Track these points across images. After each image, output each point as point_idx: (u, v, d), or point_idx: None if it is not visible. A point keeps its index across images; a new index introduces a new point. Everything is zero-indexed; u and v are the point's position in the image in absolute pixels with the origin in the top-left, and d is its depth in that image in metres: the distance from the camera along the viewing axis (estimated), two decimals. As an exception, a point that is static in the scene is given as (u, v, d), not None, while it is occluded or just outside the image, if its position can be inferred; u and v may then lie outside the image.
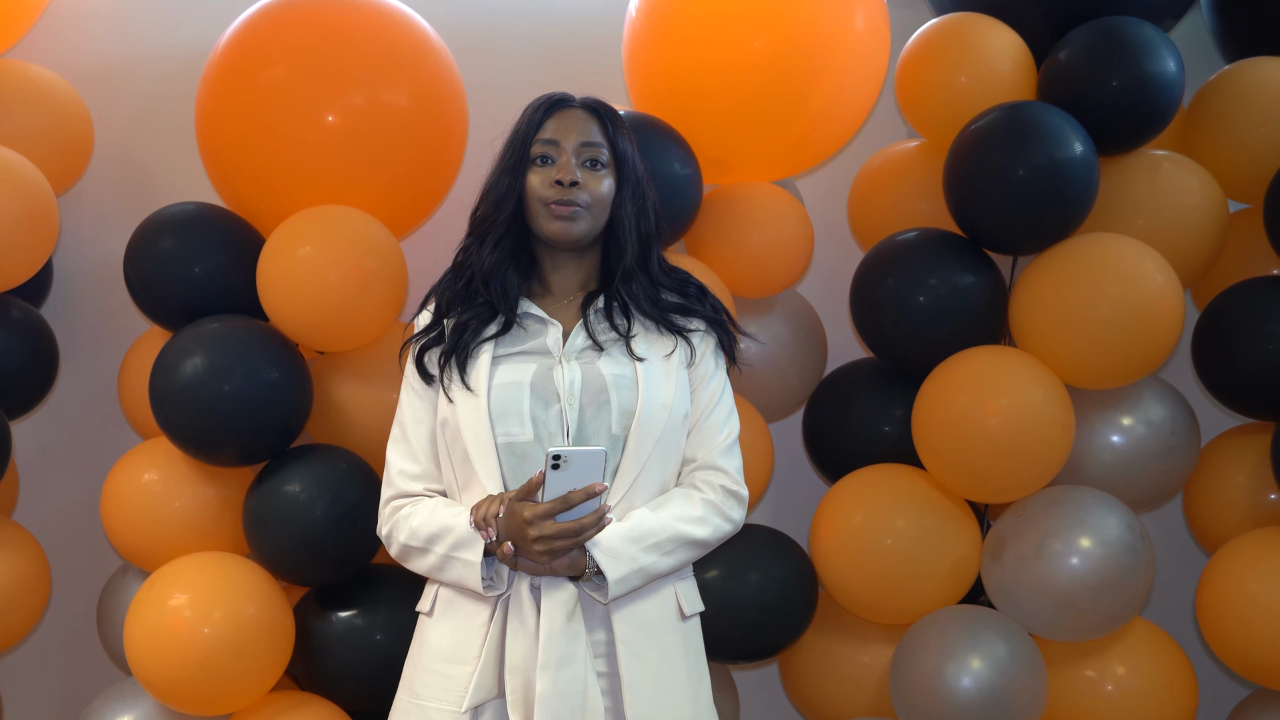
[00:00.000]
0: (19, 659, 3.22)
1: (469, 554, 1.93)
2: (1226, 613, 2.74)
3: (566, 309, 2.08)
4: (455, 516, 1.96)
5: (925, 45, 2.88)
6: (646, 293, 2.07)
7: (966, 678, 2.63)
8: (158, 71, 3.23)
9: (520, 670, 1.91)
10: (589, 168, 2.04)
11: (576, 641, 1.92)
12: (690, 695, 2.01)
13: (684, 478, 2.07)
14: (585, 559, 1.91)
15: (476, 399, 1.98)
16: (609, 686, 1.95)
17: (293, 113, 2.71)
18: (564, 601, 1.93)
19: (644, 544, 1.94)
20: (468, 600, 1.98)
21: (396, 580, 2.80)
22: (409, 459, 2.06)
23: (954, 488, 2.74)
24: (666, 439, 2.01)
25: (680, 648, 2.02)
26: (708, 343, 2.10)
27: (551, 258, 2.09)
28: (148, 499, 2.73)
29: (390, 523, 2.05)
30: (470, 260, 2.09)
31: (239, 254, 2.76)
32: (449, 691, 1.95)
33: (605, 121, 2.08)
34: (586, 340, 2.03)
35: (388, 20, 2.82)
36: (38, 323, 2.95)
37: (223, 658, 2.55)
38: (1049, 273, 2.72)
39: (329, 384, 2.82)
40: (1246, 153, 2.90)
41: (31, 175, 2.78)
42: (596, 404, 1.98)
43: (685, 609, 2.04)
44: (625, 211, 2.07)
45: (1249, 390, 2.83)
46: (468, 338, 2.03)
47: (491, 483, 1.96)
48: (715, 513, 2.03)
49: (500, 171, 2.07)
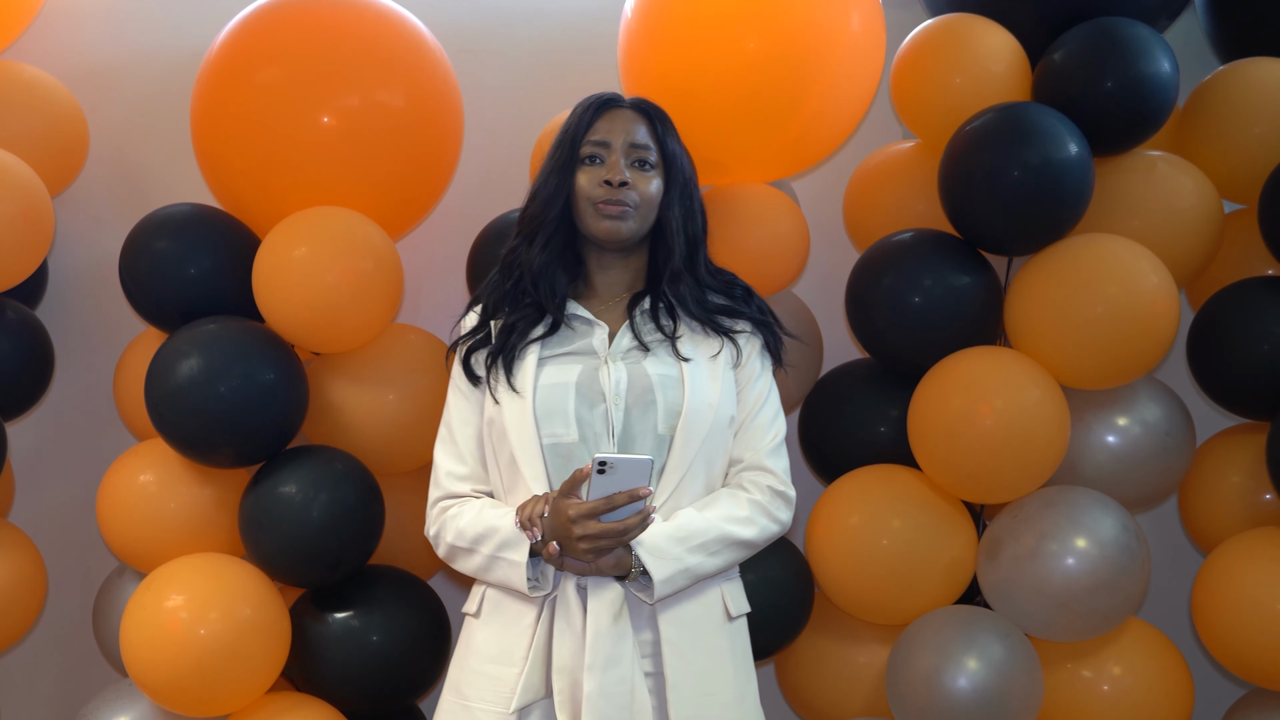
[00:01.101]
0: (14, 661, 3.22)
1: (514, 554, 1.93)
2: (1222, 613, 2.74)
3: (613, 310, 2.09)
4: (501, 517, 1.96)
5: (920, 46, 2.88)
6: (693, 294, 2.08)
7: (962, 678, 2.63)
8: (153, 72, 3.23)
9: (568, 670, 1.92)
10: (637, 168, 2.05)
11: (623, 641, 1.92)
12: (736, 696, 2.01)
13: (731, 478, 2.07)
14: (631, 558, 1.91)
15: (522, 400, 1.98)
16: (655, 686, 1.95)
17: (288, 113, 2.71)
18: (610, 601, 1.93)
19: (690, 544, 1.94)
20: (514, 601, 1.99)
21: (392, 581, 2.80)
22: (456, 460, 2.07)
23: (949, 488, 2.74)
24: (712, 439, 2.01)
25: (727, 649, 2.02)
26: (754, 344, 2.10)
27: (599, 258, 2.10)
28: (143, 500, 2.73)
29: (438, 523, 2.06)
30: (519, 260, 2.09)
31: (234, 255, 2.76)
32: (496, 693, 1.95)
33: (654, 122, 2.09)
34: (632, 341, 2.04)
35: (383, 21, 2.82)
36: (33, 324, 2.95)
37: (219, 659, 2.55)
38: (1044, 273, 2.72)
39: (325, 385, 2.81)
40: (1241, 153, 2.90)
41: (26, 176, 2.78)
42: (642, 404, 1.99)
43: (732, 610, 2.04)
44: (673, 212, 2.07)
45: (1244, 390, 2.83)
46: (515, 339, 2.04)
47: (537, 484, 1.97)
48: (762, 513, 2.03)
49: (549, 171, 2.08)
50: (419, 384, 2.82)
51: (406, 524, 2.92)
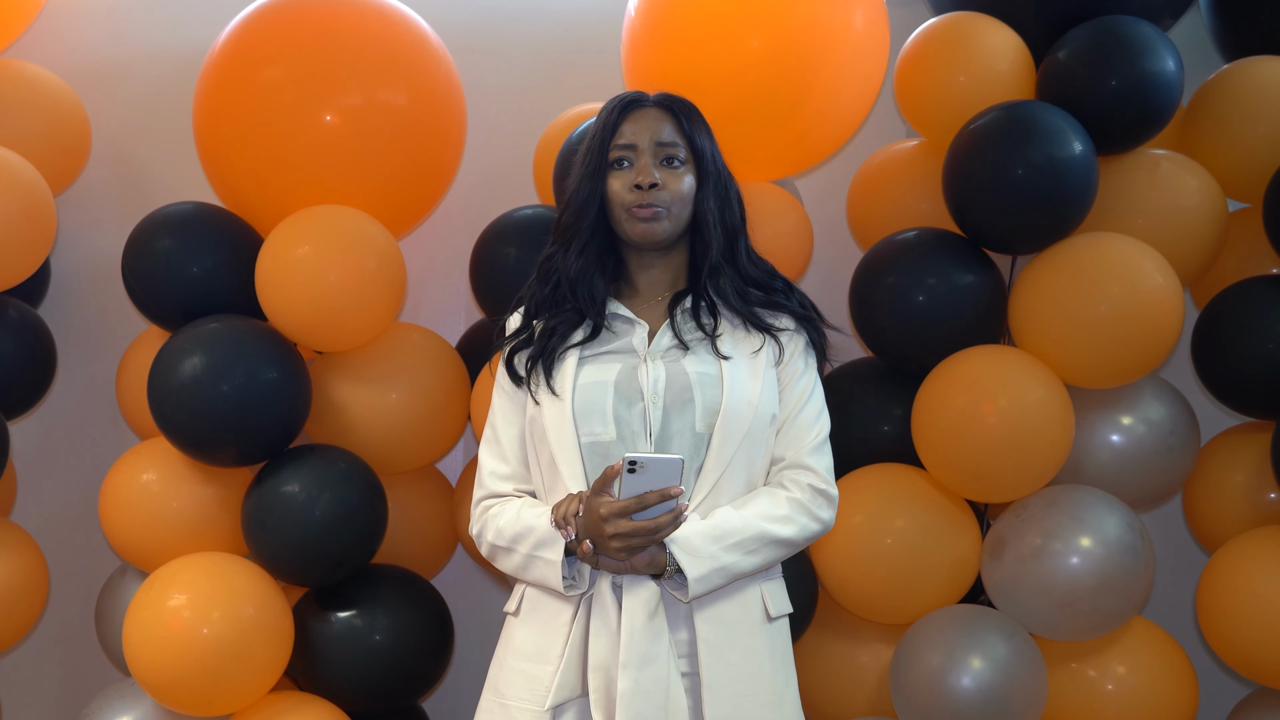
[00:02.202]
0: (17, 660, 3.22)
1: (550, 553, 1.93)
2: (1227, 612, 2.74)
3: (655, 309, 2.08)
4: (538, 517, 1.96)
5: (924, 44, 2.88)
6: (735, 287, 2.07)
7: (967, 677, 2.63)
8: (155, 71, 3.23)
9: (603, 669, 1.91)
10: (667, 166, 2.03)
11: (659, 640, 1.91)
12: (774, 698, 1.98)
13: (772, 476, 2.05)
14: (665, 556, 1.90)
15: (561, 400, 1.98)
16: (691, 686, 1.94)
17: (291, 112, 2.71)
18: (646, 600, 1.92)
19: (726, 542, 1.93)
20: (551, 600, 1.98)
21: (395, 580, 2.80)
22: (499, 460, 2.07)
23: (954, 487, 2.74)
24: (752, 437, 1.99)
25: (765, 650, 2.00)
26: (797, 341, 2.09)
27: (639, 258, 2.09)
28: (146, 499, 2.73)
29: (480, 522, 2.06)
30: (556, 267, 2.08)
31: (237, 254, 2.76)
32: (532, 691, 1.95)
33: (680, 118, 2.07)
34: (672, 339, 2.03)
35: (386, 20, 2.82)
36: (35, 323, 2.95)
37: (222, 658, 2.55)
38: (1048, 272, 2.72)
39: (328, 384, 2.81)
40: (1245, 152, 2.90)
41: (29, 175, 2.78)
42: (680, 403, 1.98)
43: (772, 610, 2.02)
44: (708, 206, 2.06)
45: (1248, 389, 2.83)
46: (555, 342, 2.03)
47: (575, 483, 1.96)
48: (802, 511, 2.01)
49: (581, 178, 2.06)
50: (422, 383, 2.82)
51: (409, 523, 2.92)
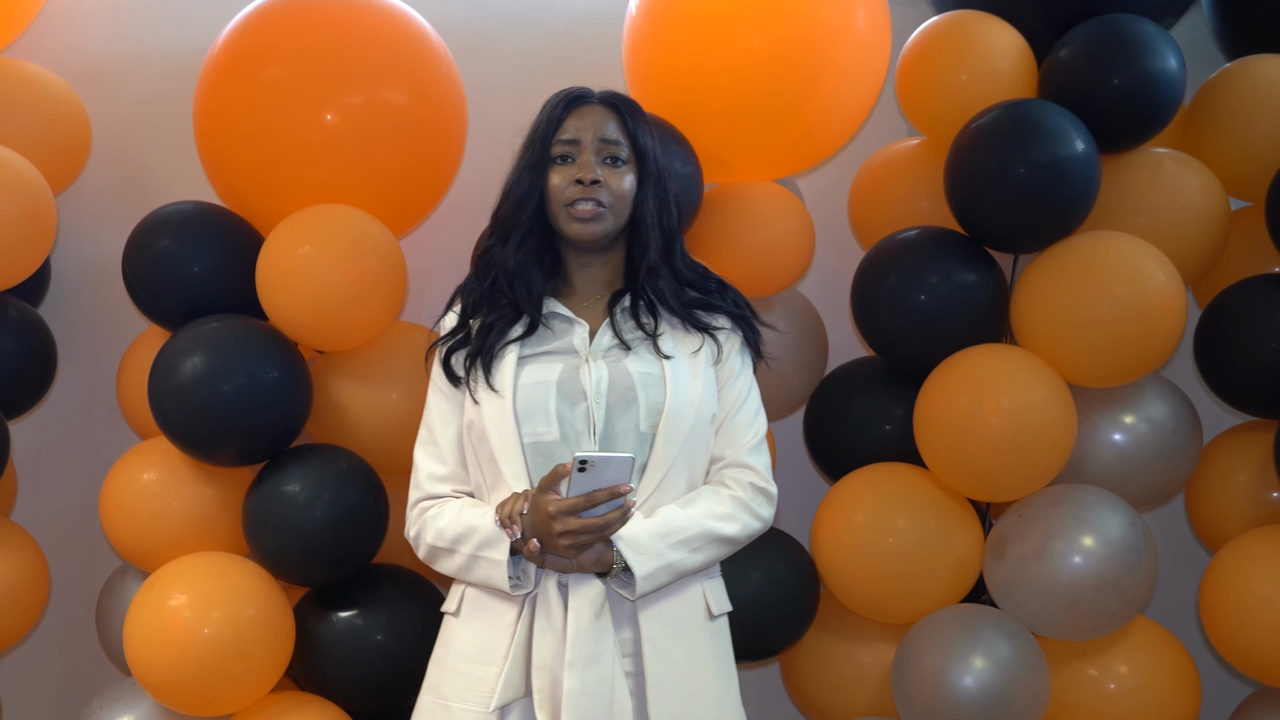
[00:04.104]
0: (17, 660, 3.22)
1: (495, 553, 1.92)
2: (1229, 611, 2.73)
3: (592, 308, 2.08)
4: (481, 516, 1.96)
5: (926, 43, 2.87)
6: (671, 289, 2.07)
7: (969, 677, 2.62)
8: (156, 70, 3.23)
9: (548, 669, 1.91)
10: (609, 164, 2.03)
11: (604, 639, 1.91)
12: (718, 695, 2.00)
13: (712, 475, 2.06)
14: (612, 554, 1.90)
15: (502, 400, 1.97)
16: (635, 686, 1.94)
17: (291, 111, 2.70)
18: (592, 599, 1.92)
19: (671, 540, 1.93)
20: (495, 600, 1.98)
21: (396, 580, 2.79)
22: (436, 461, 2.06)
23: (956, 487, 2.74)
24: (694, 437, 2.00)
25: (708, 648, 2.01)
26: (733, 340, 2.09)
27: (576, 257, 2.08)
28: (147, 499, 2.72)
29: (418, 524, 2.05)
30: (494, 261, 2.07)
31: (238, 253, 2.75)
32: (476, 692, 1.95)
33: (625, 116, 2.06)
34: (613, 339, 2.03)
35: (386, 19, 2.81)
36: (36, 322, 2.94)
37: (222, 658, 2.54)
38: (1050, 271, 2.71)
39: (329, 384, 2.81)
40: (1248, 150, 2.90)
41: (29, 174, 2.78)
42: (624, 402, 1.98)
43: (713, 608, 2.03)
44: (648, 207, 2.06)
45: (1251, 388, 2.83)
46: (493, 339, 2.02)
47: (518, 483, 1.96)
48: (744, 510, 2.02)
49: (521, 170, 2.06)
50: (423, 382, 2.79)
51: (410, 523, 2.91)
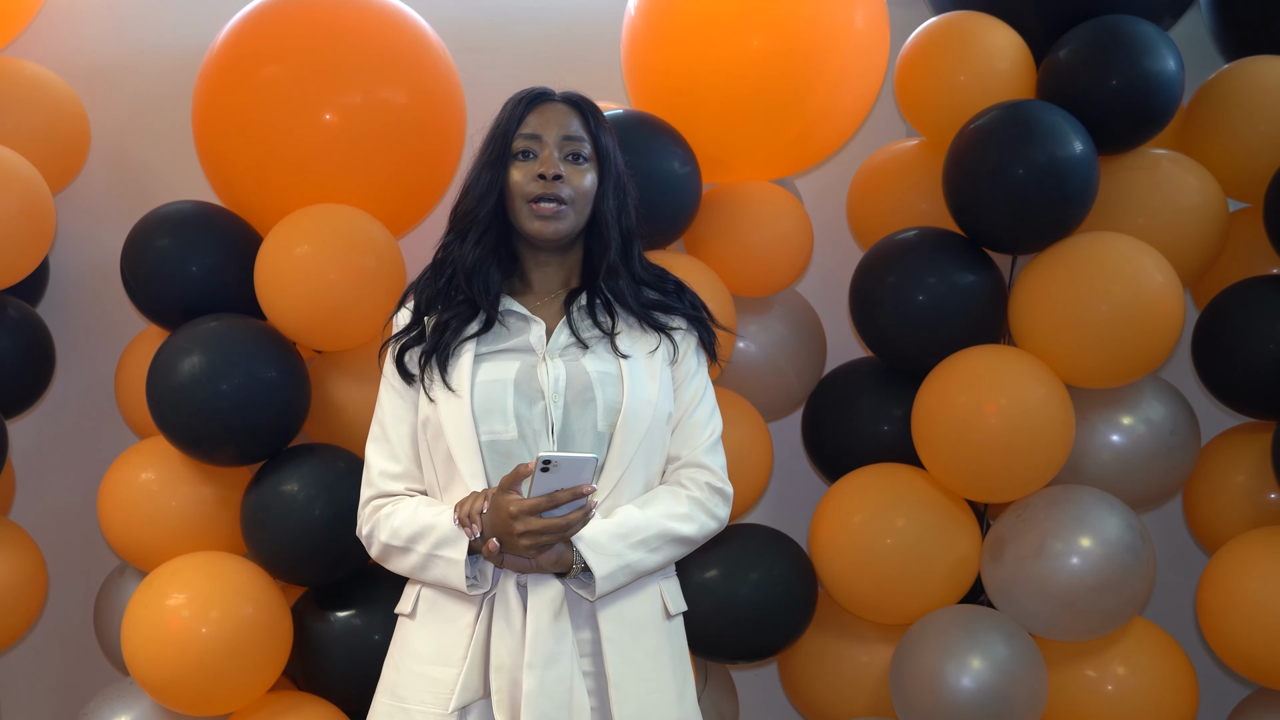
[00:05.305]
0: (15, 659, 3.22)
1: (452, 552, 1.91)
2: (1227, 612, 2.73)
3: (549, 306, 2.07)
4: (437, 515, 1.94)
5: (925, 44, 2.87)
6: (630, 289, 2.06)
7: (966, 678, 2.63)
8: (154, 69, 3.23)
9: (506, 669, 1.90)
10: (571, 161, 2.03)
11: (563, 640, 1.90)
12: (676, 694, 2.00)
13: (668, 476, 2.06)
14: (572, 554, 1.89)
15: (459, 398, 1.96)
16: (595, 686, 1.94)
17: (290, 111, 2.70)
18: (551, 599, 1.91)
19: (630, 540, 1.93)
20: (451, 601, 1.97)
21: (394, 580, 2.79)
22: (389, 459, 2.05)
23: (954, 487, 2.74)
24: (651, 436, 2.00)
25: (666, 647, 2.01)
26: (689, 341, 2.09)
27: (533, 255, 2.08)
28: (145, 498, 2.72)
29: (370, 523, 2.04)
30: (451, 257, 2.07)
31: (236, 253, 2.75)
32: (434, 694, 1.93)
33: (586, 115, 2.06)
34: (570, 337, 2.02)
35: (385, 18, 2.81)
36: (34, 321, 2.94)
37: (220, 658, 2.54)
38: (1049, 272, 2.72)
39: (327, 383, 2.81)
40: (1246, 151, 2.90)
41: (28, 173, 2.77)
42: (581, 401, 1.97)
43: (670, 608, 2.03)
44: (607, 206, 2.06)
45: (1249, 389, 2.83)
46: (449, 337, 2.01)
47: (475, 481, 1.94)
48: (701, 510, 2.02)
49: (481, 166, 2.06)
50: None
51: (409, 523, 2.91)
